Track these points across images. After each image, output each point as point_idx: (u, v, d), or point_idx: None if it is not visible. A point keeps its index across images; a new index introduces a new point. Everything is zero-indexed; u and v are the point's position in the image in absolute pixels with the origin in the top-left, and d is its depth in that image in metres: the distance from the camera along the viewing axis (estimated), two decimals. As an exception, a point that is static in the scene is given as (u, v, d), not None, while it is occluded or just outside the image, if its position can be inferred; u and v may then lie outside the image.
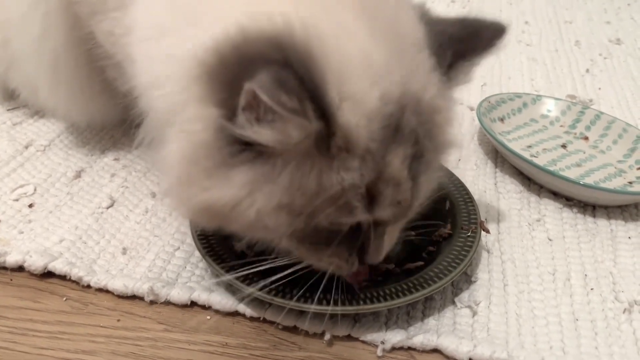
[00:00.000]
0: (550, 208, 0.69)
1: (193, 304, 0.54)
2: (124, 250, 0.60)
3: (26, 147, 0.75)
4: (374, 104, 0.41)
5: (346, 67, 0.41)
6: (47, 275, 0.57)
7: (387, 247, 0.49)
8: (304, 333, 0.52)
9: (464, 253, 0.55)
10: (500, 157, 0.78)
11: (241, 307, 0.53)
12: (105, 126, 0.78)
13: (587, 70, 1.05)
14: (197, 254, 0.57)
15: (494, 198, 0.70)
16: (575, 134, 0.82)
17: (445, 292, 0.57)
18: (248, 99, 0.39)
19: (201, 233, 0.56)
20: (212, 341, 0.51)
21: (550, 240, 0.64)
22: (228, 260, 0.53)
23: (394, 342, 0.51)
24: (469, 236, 0.58)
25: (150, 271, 0.57)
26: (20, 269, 0.57)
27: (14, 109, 0.83)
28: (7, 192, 0.67)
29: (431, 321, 0.53)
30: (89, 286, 0.56)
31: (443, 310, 0.55)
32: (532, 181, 0.73)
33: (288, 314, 0.52)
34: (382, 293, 0.51)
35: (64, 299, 0.55)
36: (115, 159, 0.74)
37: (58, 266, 0.56)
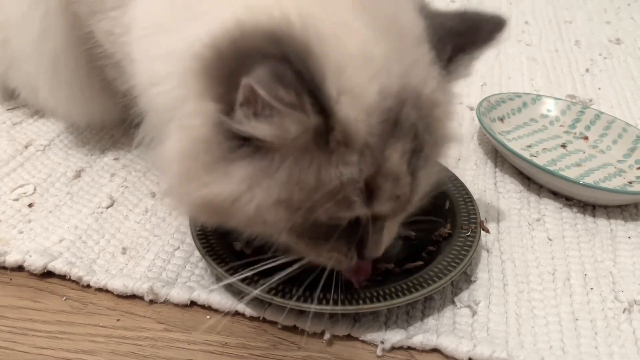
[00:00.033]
0: (550, 208, 0.69)
1: (193, 303, 0.54)
2: (124, 250, 0.60)
3: (26, 147, 0.75)
4: (373, 98, 0.41)
5: (345, 61, 0.41)
6: (47, 275, 0.57)
7: (386, 241, 0.48)
8: (304, 333, 0.52)
9: (463, 253, 0.55)
10: (500, 157, 0.78)
11: (241, 307, 0.53)
12: (105, 126, 0.78)
13: (587, 70, 1.05)
14: (197, 253, 0.57)
15: (494, 198, 0.70)
16: (575, 133, 0.82)
17: (444, 291, 0.56)
18: (245, 94, 0.39)
19: (201, 233, 0.56)
20: (212, 341, 0.51)
21: (550, 240, 0.64)
22: (228, 260, 0.53)
23: (393, 341, 0.51)
24: (468, 236, 0.58)
25: (150, 271, 0.57)
26: (20, 268, 0.57)
27: (13, 108, 0.83)
28: (7, 191, 0.67)
29: (431, 321, 0.53)
30: (88, 286, 0.56)
31: (443, 310, 0.55)
32: (532, 181, 0.73)
33: (288, 314, 0.52)
34: (381, 293, 0.51)
35: (64, 298, 0.55)
36: (115, 159, 0.74)
37: (58, 266, 0.57)
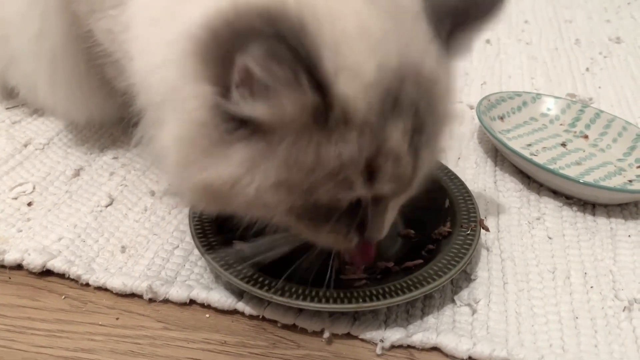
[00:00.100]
0: (550, 206, 0.69)
1: (192, 302, 0.54)
2: (123, 249, 0.60)
3: (25, 146, 0.75)
4: (372, 75, 0.40)
5: (342, 38, 0.40)
6: (46, 273, 0.57)
7: (388, 223, 0.48)
8: (303, 331, 0.52)
9: (463, 251, 0.55)
10: (500, 156, 0.78)
11: (240, 305, 0.53)
12: (104, 124, 0.78)
13: (587, 69, 1.05)
14: (196, 252, 0.57)
15: (494, 196, 0.70)
16: (575, 132, 0.82)
17: (444, 290, 0.56)
18: (241, 74, 0.38)
19: (200, 231, 0.56)
20: (211, 339, 0.51)
21: (550, 238, 0.64)
22: (227, 258, 0.53)
23: (393, 340, 0.51)
24: (468, 234, 0.58)
25: (149, 269, 0.57)
26: (18, 267, 0.57)
27: (13, 107, 0.83)
28: (6, 190, 0.67)
29: (430, 319, 0.53)
30: (87, 284, 0.56)
31: (442, 309, 0.55)
32: (532, 179, 0.73)
33: (287, 312, 0.52)
34: (381, 291, 0.50)
35: (63, 297, 0.55)
36: (114, 158, 0.74)
37: (57, 264, 0.56)
